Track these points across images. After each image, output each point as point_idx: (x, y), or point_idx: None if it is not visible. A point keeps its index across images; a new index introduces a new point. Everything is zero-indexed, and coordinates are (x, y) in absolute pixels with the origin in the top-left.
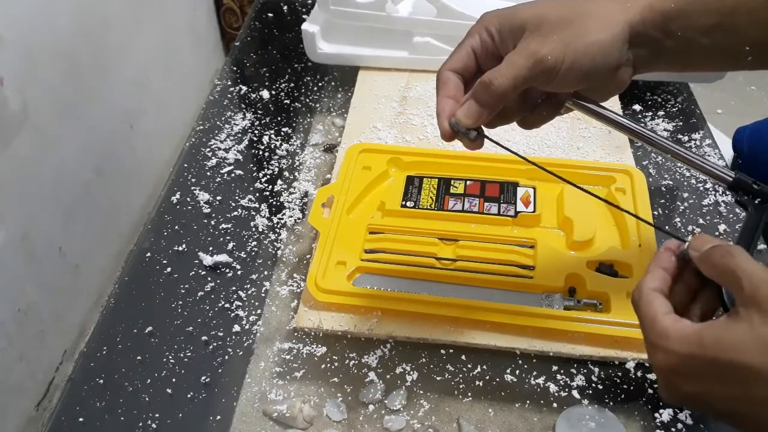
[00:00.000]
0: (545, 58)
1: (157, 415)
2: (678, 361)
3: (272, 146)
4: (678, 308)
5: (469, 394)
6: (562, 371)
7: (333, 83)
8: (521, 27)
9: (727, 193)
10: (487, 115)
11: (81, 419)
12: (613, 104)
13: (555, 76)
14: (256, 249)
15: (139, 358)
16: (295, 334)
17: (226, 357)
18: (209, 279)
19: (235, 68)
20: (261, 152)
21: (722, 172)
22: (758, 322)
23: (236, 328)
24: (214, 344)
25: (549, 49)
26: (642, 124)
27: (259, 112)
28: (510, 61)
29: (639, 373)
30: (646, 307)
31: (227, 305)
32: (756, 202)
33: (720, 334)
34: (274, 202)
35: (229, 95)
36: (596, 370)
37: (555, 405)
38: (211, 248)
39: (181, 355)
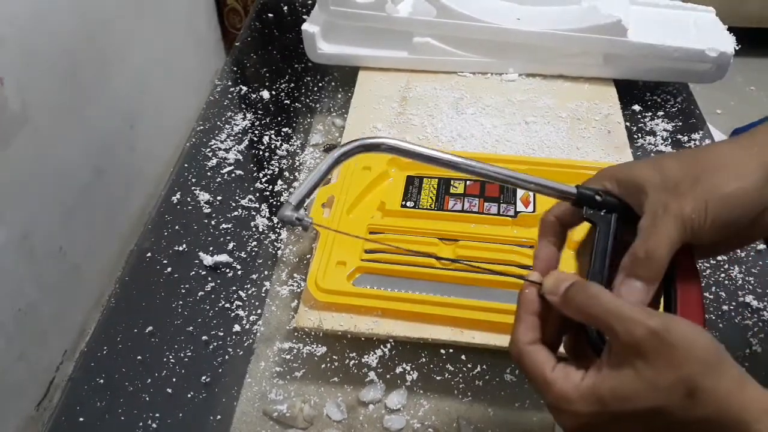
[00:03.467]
0: (690, 216)
1: (157, 415)
2: (585, 421)
3: (272, 146)
4: (553, 344)
5: (469, 394)
6: None
7: (333, 83)
8: (641, 187)
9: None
10: (653, 292)
11: (81, 419)
12: (614, 104)
13: (699, 234)
14: (256, 249)
15: (139, 357)
16: (295, 333)
17: (227, 357)
18: (209, 279)
19: (235, 68)
20: (261, 152)
21: (564, 189)
22: (642, 367)
23: (236, 327)
24: (215, 344)
25: (690, 208)
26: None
27: (260, 112)
28: (656, 227)
29: None
30: (530, 366)
31: (227, 305)
32: (602, 213)
33: (613, 386)
34: (275, 202)
35: (229, 95)
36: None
37: None
38: (211, 248)
39: (182, 354)
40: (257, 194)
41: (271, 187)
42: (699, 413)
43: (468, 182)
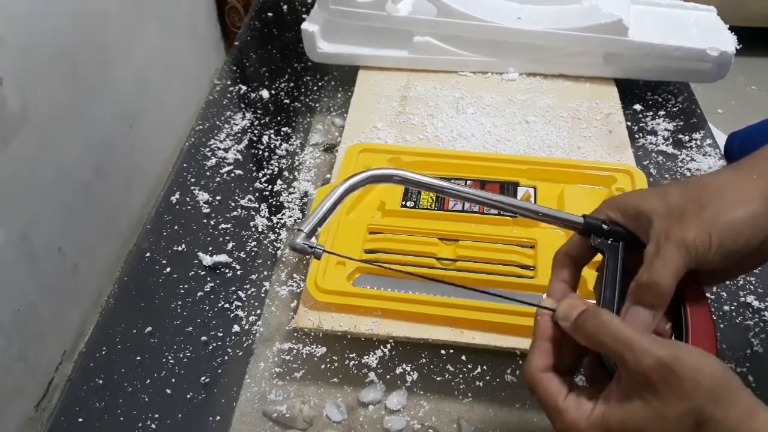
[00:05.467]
0: (694, 243)
1: (156, 416)
2: None
3: (272, 146)
4: (571, 368)
5: (469, 394)
6: None
7: (333, 83)
8: (646, 215)
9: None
10: (659, 318)
11: (80, 419)
12: (615, 103)
13: (704, 261)
14: (255, 249)
15: (138, 358)
16: (295, 334)
17: (226, 357)
18: (209, 279)
19: (234, 68)
20: (261, 152)
21: (571, 218)
22: (650, 398)
23: (236, 328)
24: (214, 344)
25: (694, 234)
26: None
27: (259, 111)
28: (661, 255)
29: None
30: (543, 395)
31: (227, 305)
32: (609, 242)
33: (622, 417)
34: (274, 202)
35: (228, 95)
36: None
37: None
38: (210, 248)
39: (181, 355)
40: (257, 194)
41: (270, 186)
42: None
43: (468, 182)
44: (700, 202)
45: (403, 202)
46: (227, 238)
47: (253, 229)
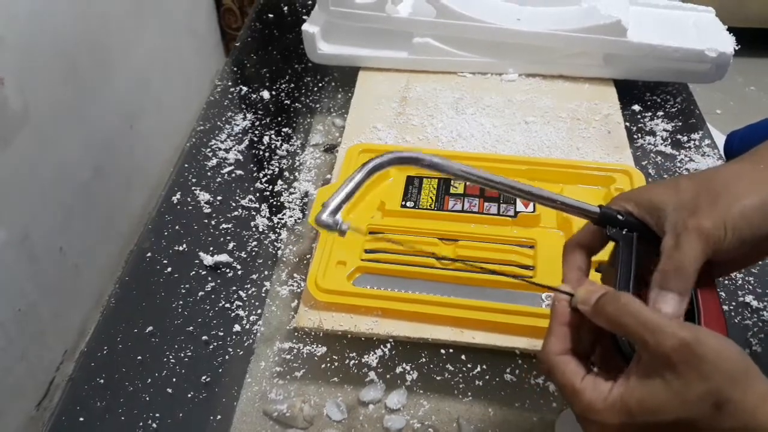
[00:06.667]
0: (711, 232)
1: (157, 415)
2: (607, 427)
3: (272, 146)
4: (585, 354)
5: (469, 394)
6: None
7: (333, 83)
8: (660, 208)
9: None
10: (686, 304)
11: (81, 419)
12: (614, 104)
13: (720, 248)
14: (256, 249)
15: (139, 358)
16: (296, 333)
17: (227, 357)
18: (209, 279)
19: (235, 68)
20: (261, 152)
21: (587, 208)
22: (671, 378)
23: (236, 327)
24: (215, 344)
25: (710, 224)
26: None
27: (260, 112)
28: (681, 245)
29: None
30: (560, 377)
31: (227, 305)
32: (624, 232)
33: (641, 397)
34: (275, 202)
35: (229, 96)
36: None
37: (555, 405)
38: (211, 248)
39: (182, 354)
40: (257, 194)
41: (271, 187)
42: (726, 425)
43: (468, 182)
44: (712, 192)
45: (403, 202)
46: (228, 238)
47: (254, 229)
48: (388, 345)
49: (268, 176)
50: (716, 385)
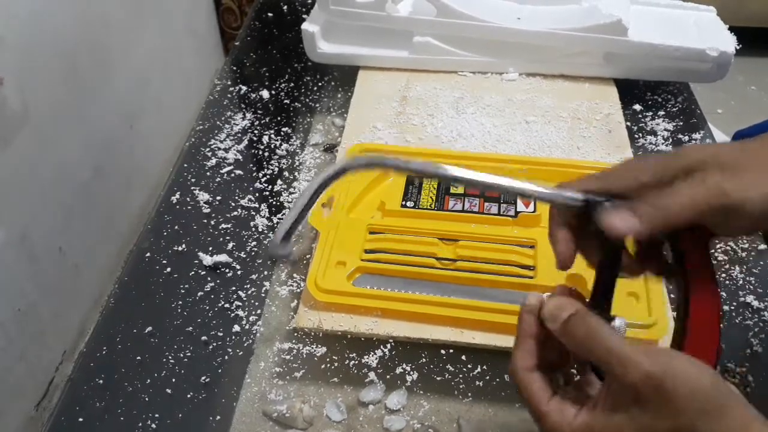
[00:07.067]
0: (729, 193)
1: (156, 415)
2: None
3: (272, 146)
4: (555, 364)
5: (469, 394)
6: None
7: (333, 83)
8: (689, 167)
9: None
10: (642, 231)
11: (81, 419)
12: (614, 103)
13: (734, 216)
14: (256, 249)
15: (138, 358)
16: (295, 334)
17: (226, 357)
18: (209, 279)
19: (234, 68)
20: (261, 152)
21: (571, 197)
22: (637, 413)
23: (236, 328)
24: (214, 344)
25: (733, 186)
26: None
27: (259, 111)
28: (687, 190)
29: None
30: (527, 396)
31: (227, 305)
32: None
33: (606, 429)
34: (274, 202)
35: (228, 95)
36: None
37: None
38: (210, 248)
39: (181, 355)
40: (257, 194)
41: (270, 187)
42: None
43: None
44: (746, 163)
45: (403, 202)
46: (227, 238)
47: (254, 229)
48: (388, 345)
49: (268, 176)
50: (687, 420)
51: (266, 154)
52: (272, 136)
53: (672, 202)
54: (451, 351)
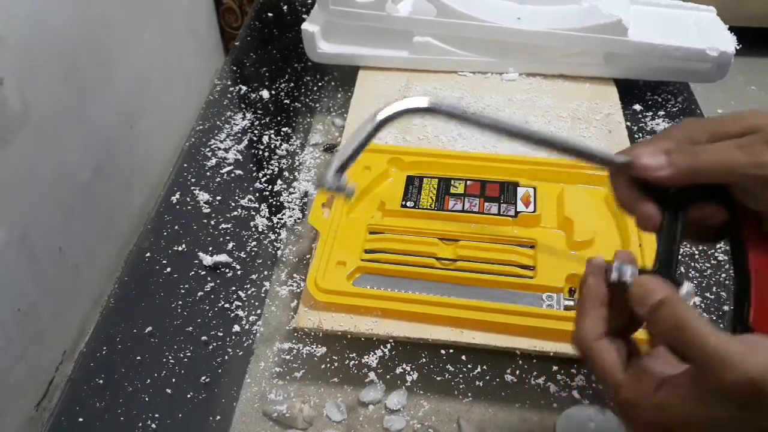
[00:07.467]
0: None
1: (156, 416)
2: (649, 426)
3: (272, 146)
4: (627, 329)
5: (469, 394)
6: (562, 371)
7: (333, 83)
8: (744, 131)
9: None
10: (668, 174)
11: (81, 419)
12: (614, 103)
13: None
14: (255, 249)
15: (138, 358)
16: (295, 334)
17: (226, 357)
18: (209, 279)
19: (234, 68)
20: (261, 152)
21: (622, 159)
22: (727, 409)
23: (236, 328)
24: (214, 344)
25: None
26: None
27: (259, 111)
28: (729, 150)
29: None
30: (598, 365)
31: (227, 305)
32: (670, 191)
33: (691, 417)
34: (274, 202)
35: (228, 95)
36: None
37: (555, 405)
38: (210, 248)
39: (181, 355)
40: (257, 194)
41: (270, 187)
42: None
43: (468, 182)
44: None
45: (403, 202)
46: (227, 238)
47: (254, 229)
48: (388, 345)
49: (268, 176)
50: None
51: (266, 154)
52: (272, 136)
53: (708, 156)
54: (451, 351)
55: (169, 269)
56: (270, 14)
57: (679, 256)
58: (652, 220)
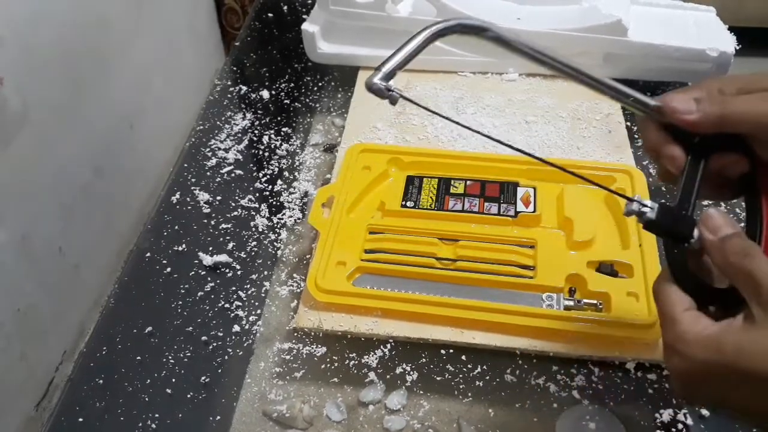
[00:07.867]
0: None
1: (156, 416)
2: (694, 367)
3: (272, 146)
4: (704, 298)
5: (469, 394)
6: (562, 371)
7: (333, 83)
8: None
9: None
10: (695, 119)
11: (81, 419)
12: (614, 103)
13: None
14: (256, 249)
15: (138, 358)
16: (295, 334)
17: (226, 357)
18: (209, 279)
19: (235, 68)
20: (261, 152)
21: (653, 102)
22: None
23: (236, 328)
24: (214, 344)
25: None
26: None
27: (259, 112)
28: (758, 101)
29: (639, 374)
30: (662, 304)
31: (227, 305)
32: (695, 140)
33: (740, 340)
34: (274, 202)
35: (229, 95)
36: (596, 370)
37: (555, 405)
38: (210, 248)
39: (181, 355)
40: (257, 194)
41: (270, 187)
42: None
43: (468, 182)
44: None
45: (403, 202)
46: (227, 238)
47: (254, 229)
48: (388, 345)
49: (268, 176)
50: None
51: (266, 154)
52: (272, 136)
53: (736, 105)
54: (451, 351)
55: (169, 269)
56: (270, 14)
57: (696, 201)
58: (677, 161)
